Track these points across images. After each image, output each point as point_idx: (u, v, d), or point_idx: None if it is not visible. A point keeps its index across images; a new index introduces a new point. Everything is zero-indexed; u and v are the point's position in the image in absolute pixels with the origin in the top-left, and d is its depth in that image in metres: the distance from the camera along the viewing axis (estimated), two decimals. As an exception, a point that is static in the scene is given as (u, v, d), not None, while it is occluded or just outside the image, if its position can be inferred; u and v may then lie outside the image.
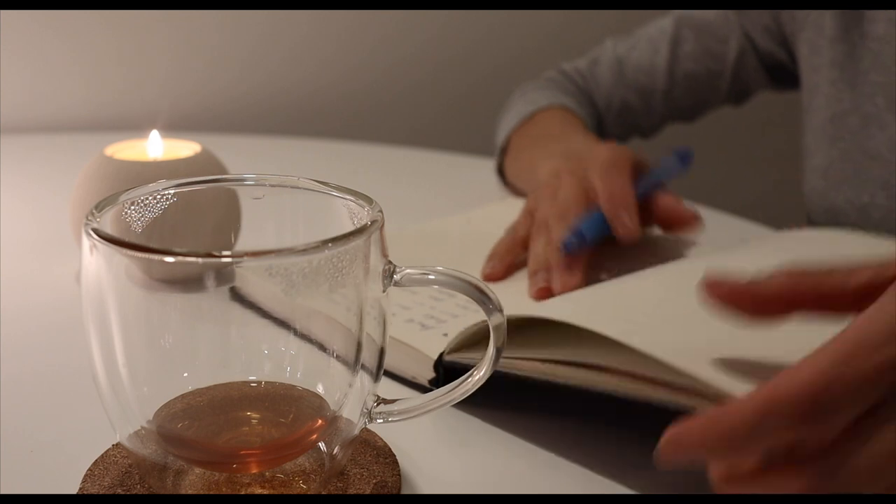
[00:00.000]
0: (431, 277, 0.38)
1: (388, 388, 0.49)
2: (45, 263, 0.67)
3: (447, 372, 0.47)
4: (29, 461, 0.42)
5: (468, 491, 0.41)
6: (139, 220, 0.39)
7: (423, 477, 0.42)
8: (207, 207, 0.43)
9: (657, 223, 0.68)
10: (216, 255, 0.33)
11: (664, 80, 0.89)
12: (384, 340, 0.39)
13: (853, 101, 0.74)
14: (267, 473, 0.39)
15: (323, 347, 0.38)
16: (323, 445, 0.39)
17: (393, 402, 0.40)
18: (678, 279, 0.51)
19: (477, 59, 1.38)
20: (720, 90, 0.90)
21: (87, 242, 0.34)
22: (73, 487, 0.39)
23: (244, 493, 0.38)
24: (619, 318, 0.45)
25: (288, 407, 0.40)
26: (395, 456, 0.42)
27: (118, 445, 0.41)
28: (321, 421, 0.39)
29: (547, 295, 0.58)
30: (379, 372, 0.39)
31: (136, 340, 0.36)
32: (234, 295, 0.39)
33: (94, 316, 0.35)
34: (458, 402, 0.40)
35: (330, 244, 0.34)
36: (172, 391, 0.38)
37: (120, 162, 0.59)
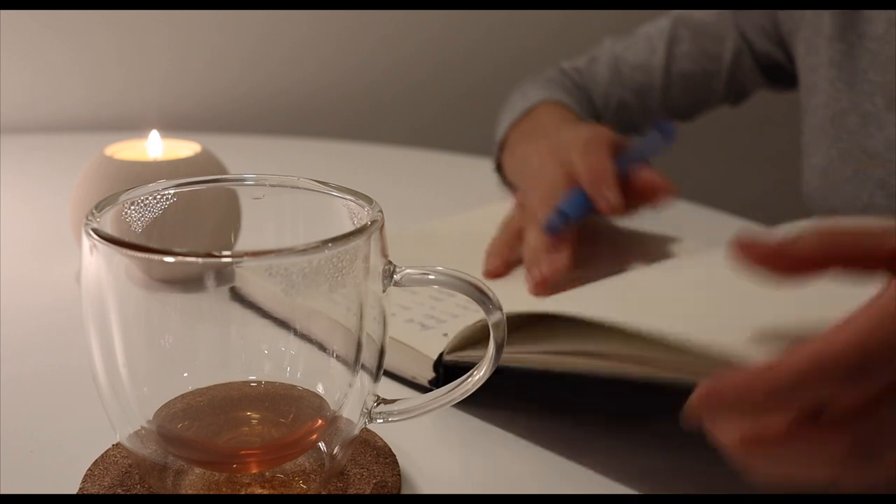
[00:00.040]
0: (431, 277, 0.38)
1: (388, 388, 0.49)
2: (45, 263, 0.67)
3: (447, 372, 0.47)
4: (29, 461, 0.42)
5: (468, 491, 0.41)
6: (139, 220, 0.39)
7: (423, 477, 0.42)
8: (207, 207, 0.43)
9: (637, 198, 0.68)
10: (216, 255, 0.33)
11: (661, 79, 0.89)
12: (384, 340, 0.39)
13: (852, 100, 0.74)
14: (267, 473, 0.39)
15: (323, 347, 0.38)
16: (323, 445, 0.39)
17: (393, 402, 0.40)
18: (678, 275, 0.51)
19: (477, 59, 1.38)
20: (716, 90, 0.90)
21: (87, 242, 0.34)
22: (73, 487, 0.39)
23: (244, 493, 0.38)
24: (622, 310, 0.45)
25: (288, 407, 0.40)
26: (395, 456, 0.42)
27: (118, 445, 0.41)
28: (321, 421, 0.39)
29: (542, 284, 0.58)
30: (379, 372, 0.39)
31: (136, 340, 0.36)
32: (234, 295, 0.39)
33: (94, 316, 0.35)
34: (458, 402, 0.40)
35: (330, 244, 0.34)
36: (172, 391, 0.38)
37: (120, 162, 0.59)
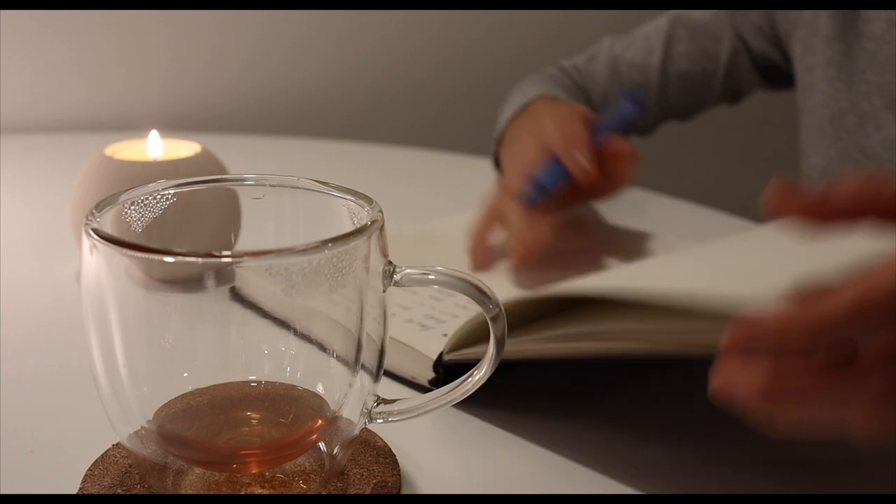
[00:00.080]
0: (431, 277, 0.38)
1: (388, 388, 0.49)
2: (45, 263, 0.67)
3: (447, 372, 0.47)
4: (29, 461, 0.42)
5: (468, 491, 0.41)
6: (139, 220, 0.39)
7: (423, 477, 0.42)
8: (207, 207, 0.43)
9: (609, 166, 0.69)
10: (216, 255, 0.33)
11: (658, 78, 0.89)
12: (384, 340, 0.39)
13: (850, 100, 0.74)
14: (267, 473, 0.39)
15: (323, 347, 0.38)
16: (323, 445, 0.39)
17: (393, 402, 0.40)
18: (695, 261, 0.51)
19: (477, 59, 1.38)
20: (714, 90, 0.90)
21: (87, 242, 0.34)
22: (73, 487, 0.39)
23: (244, 493, 0.38)
24: (653, 283, 0.44)
25: (288, 407, 0.40)
26: (395, 456, 0.42)
27: (118, 445, 0.41)
28: (321, 421, 0.39)
29: (527, 256, 0.60)
30: (379, 372, 0.39)
31: (136, 340, 0.36)
32: (234, 295, 0.39)
33: (94, 316, 0.35)
34: (458, 402, 0.40)
35: (330, 244, 0.34)
36: (172, 391, 0.38)
37: (120, 162, 0.59)
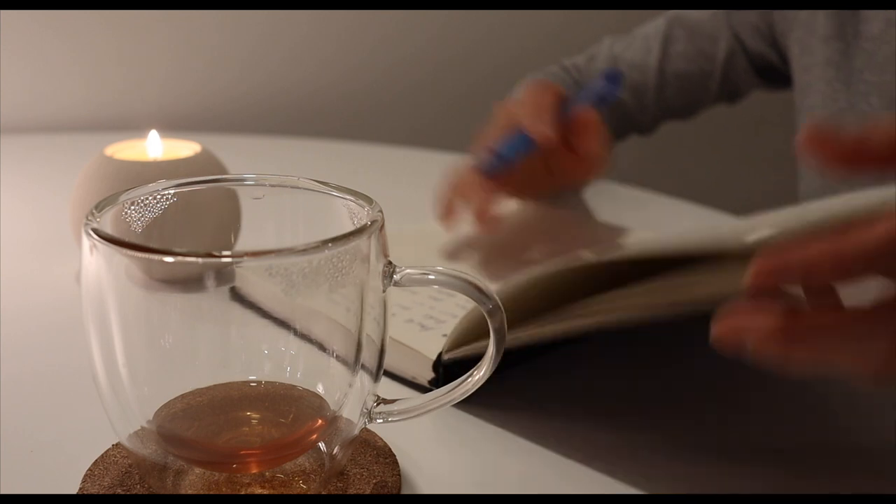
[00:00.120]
0: (431, 277, 0.38)
1: (388, 388, 0.49)
2: (45, 263, 0.67)
3: (447, 372, 0.47)
4: (29, 461, 0.42)
5: (468, 491, 0.41)
6: (139, 220, 0.39)
7: (423, 477, 0.42)
8: (207, 207, 0.43)
9: (576, 140, 0.71)
10: (216, 255, 0.33)
11: (655, 78, 0.89)
12: (384, 340, 0.39)
13: (848, 100, 0.74)
14: (267, 473, 0.39)
15: (323, 347, 0.38)
16: (323, 445, 0.39)
17: (393, 402, 0.40)
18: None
19: (477, 59, 1.38)
20: (711, 90, 0.90)
21: (87, 242, 0.34)
22: (73, 487, 0.39)
23: (244, 493, 0.38)
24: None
25: (288, 407, 0.40)
26: (395, 456, 0.42)
27: (118, 445, 0.41)
28: (321, 421, 0.39)
29: (480, 218, 0.63)
30: (379, 372, 0.39)
31: (136, 340, 0.36)
32: (234, 295, 0.39)
33: (94, 316, 0.35)
34: (458, 402, 0.40)
35: (330, 244, 0.34)
36: (172, 391, 0.38)
37: (120, 162, 0.59)
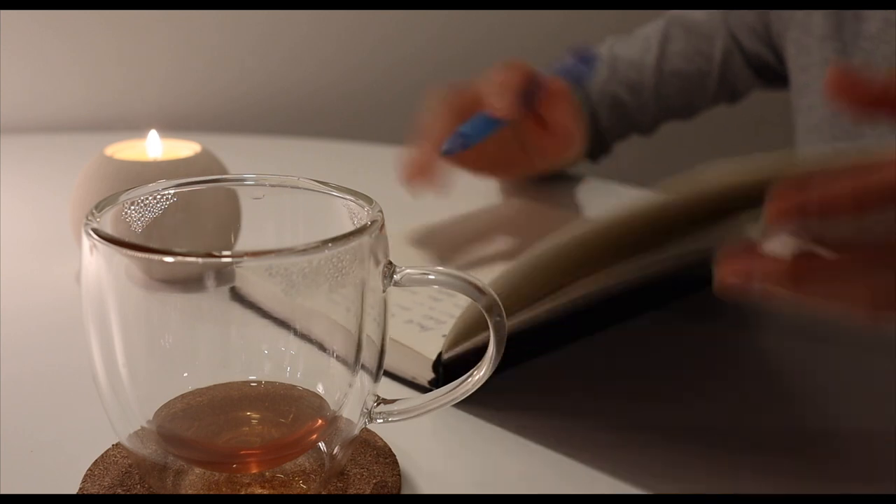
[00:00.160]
0: (431, 277, 0.38)
1: (388, 388, 0.49)
2: (45, 263, 0.67)
3: (447, 372, 0.47)
4: (29, 461, 0.42)
5: (468, 491, 0.41)
6: (139, 220, 0.39)
7: (423, 477, 0.42)
8: (207, 207, 0.43)
9: (546, 113, 0.71)
10: (216, 255, 0.33)
11: (653, 77, 0.89)
12: (384, 340, 0.39)
13: None
14: (267, 473, 0.39)
15: (323, 347, 0.38)
16: (323, 445, 0.39)
17: (393, 402, 0.40)
18: None
19: (477, 59, 1.37)
20: (709, 89, 0.90)
21: (87, 242, 0.34)
22: (73, 487, 0.39)
23: (244, 493, 0.38)
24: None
25: (288, 407, 0.40)
26: (395, 456, 0.42)
27: (118, 445, 0.41)
28: (321, 421, 0.39)
29: (412, 173, 0.65)
30: (379, 372, 0.39)
31: (136, 340, 0.36)
32: (234, 295, 0.39)
33: (94, 316, 0.35)
34: (458, 402, 0.40)
35: (330, 244, 0.34)
36: (172, 391, 0.38)
37: (120, 162, 0.59)
